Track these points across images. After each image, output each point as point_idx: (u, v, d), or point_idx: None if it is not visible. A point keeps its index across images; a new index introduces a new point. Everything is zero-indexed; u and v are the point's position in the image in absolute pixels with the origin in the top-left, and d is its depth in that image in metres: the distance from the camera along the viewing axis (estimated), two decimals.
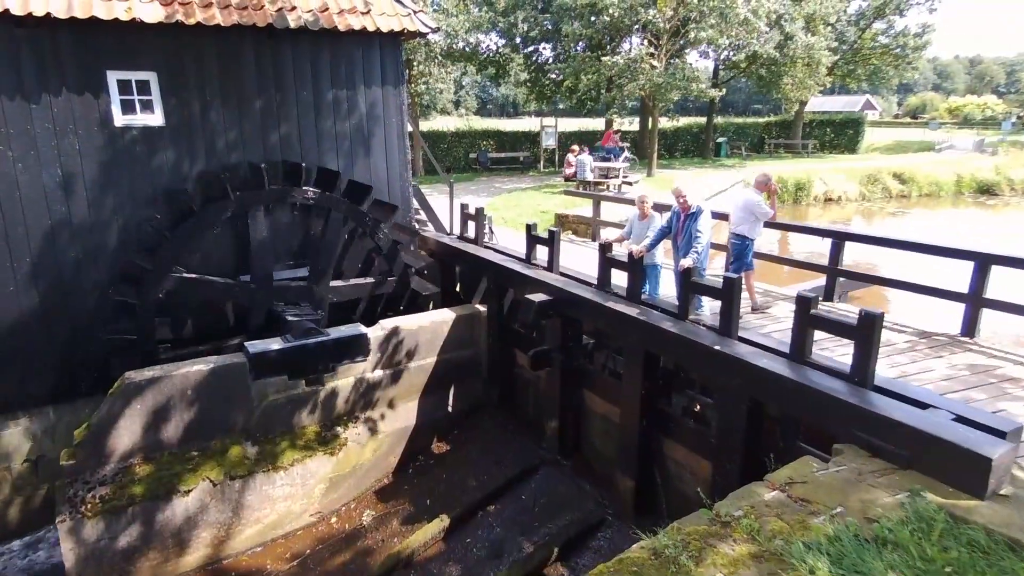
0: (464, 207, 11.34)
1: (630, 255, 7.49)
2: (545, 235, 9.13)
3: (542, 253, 9.35)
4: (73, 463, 7.54)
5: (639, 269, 7.53)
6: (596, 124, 37.12)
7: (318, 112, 9.95)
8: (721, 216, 9.78)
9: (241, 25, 8.81)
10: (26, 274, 8.33)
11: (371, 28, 9.73)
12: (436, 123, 52.62)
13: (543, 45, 29.59)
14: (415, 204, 11.86)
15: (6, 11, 7.44)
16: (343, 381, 9.15)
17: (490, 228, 11.17)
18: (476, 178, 28.19)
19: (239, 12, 8.84)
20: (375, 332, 9.29)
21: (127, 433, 7.79)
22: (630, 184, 20.65)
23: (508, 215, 17.32)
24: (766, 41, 27.34)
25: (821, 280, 10.48)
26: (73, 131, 8.32)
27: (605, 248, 7.91)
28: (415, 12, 10.27)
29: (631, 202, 14.64)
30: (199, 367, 8.10)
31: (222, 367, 8.21)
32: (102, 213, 8.66)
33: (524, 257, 9.74)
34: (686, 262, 6.85)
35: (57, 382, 8.74)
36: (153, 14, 8.27)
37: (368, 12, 9.85)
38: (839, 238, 9.25)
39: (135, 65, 8.60)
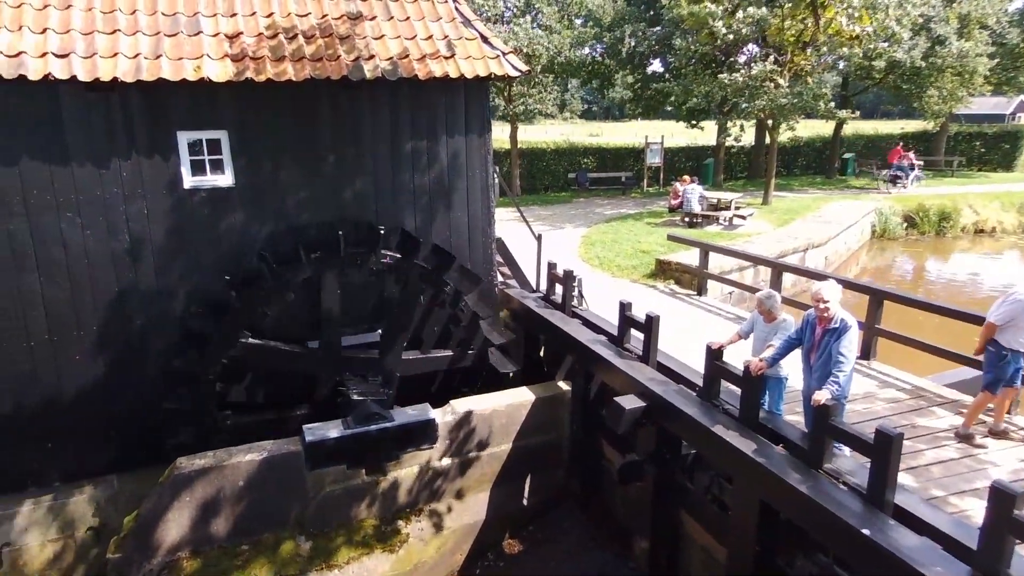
0: (552, 267, 10.17)
1: (746, 369, 6.02)
2: (642, 318, 7.78)
3: (636, 328, 8.03)
4: (120, 556, 7.12)
5: (756, 388, 6.05)
6: (707, 138, 34.68)
7: (395, 166, 9.14)
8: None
9: (315, 78, 8.12)
10: (92, 342, 8.05)
11: (454, 75, 8.78)
12: (538, 132, 51.85)
13: (651, 59, 27.82)
14: (498, 258, 10.86)
15: (73, 77, 7.10)
16: (407, 470, 8.26)
17: (579, 292, 9.93)
18: (574, 199, 26.96)
19: (312, 65, 8.15)
20: (444, 416, 8.35)
21: (175, 525, 7.28)
22: (743, 218, 18.64)
23: (604, 254, 15.97)
24: (910, 49, 24.20)
25: (967, 371, 8.51)
26: (142, 195, 7.94)
27: (715, 354, 6.47)
28: (504, 54, 9.22)
29: (744, 256, 12.93)
30: (252, 456, 7.48)
31: (276, 456, 7.55)
32: (168, 279, 8.25)
33: (616, 334, 8.45)
34: (823, 395, 5.31)
35: (120, 451, 8.42)
36: (222, 72, 7.73)
37: (452, 56, 8.90)
38: None
39: (206, 124, 8.11)
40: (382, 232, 8.69)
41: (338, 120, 8.71)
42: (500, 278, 11.45)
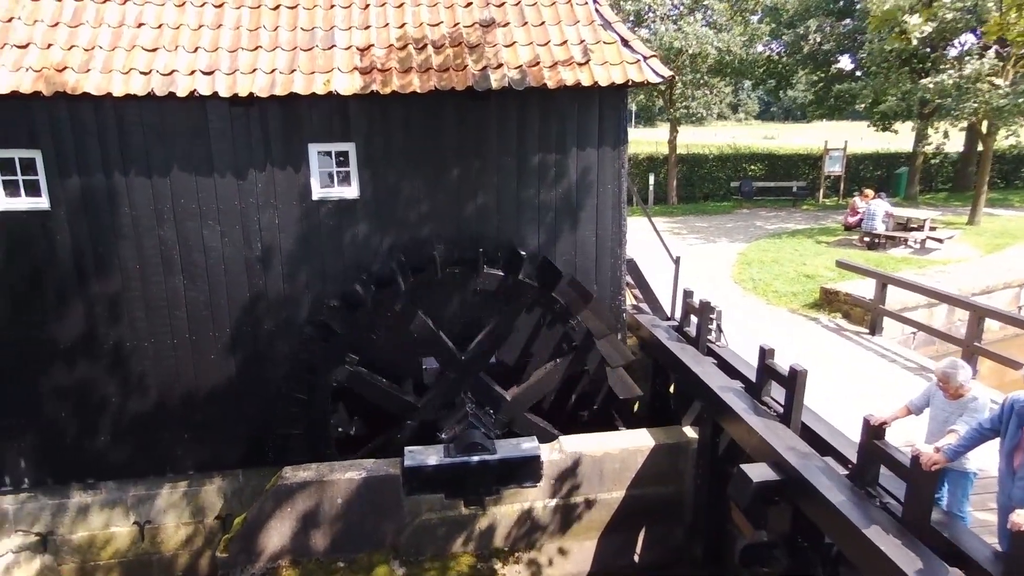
0: (688, 295, 9.08)
1: (915, 460, 4.67)
2: (785, 369, 6.53)
3: (777, 380, 6.76)
4: (227, 556, 7.38)
5: (929, 485, 4.68)
6: (902, 143, 30.23)
7: (520, 179, 8.64)
8: None
9: (440, 89, 7.86)
10: (226, 344, 8.49)
11: (587, 82, 8.07)
12: (707, 134, 48.97)
13: (838, 56, 24.80)
14: (629, 279, 9.97)
15: (215, 93, 7.45)
16: (507, 507, 7.76)
17: (717, 325, 8.74)
18: (736, 210, 24.81)
19: (438, 76, 7.89)
20: (551, 455, 7.71)
21: (277, 534, 7.41)
22: (939, 241, 15.75)
23: (759, 275, 14.28)
24: None
25: None
26: (274, 205, 8.21)
27: (875, 431, 5.14)
28: (645, 58, 8.33)
29: (932, 294, 10.55)
30: (352, 474, 7.40)
31: (375, 477, 7.41)
32: (295, 287, 8.48)
33: (755, 382, 7.24)
34: None
35: (247, 448, 8.83)
36: (350, 85, 7.72)
37: (586, 63, 8.19)
38: None
39: (336, 137, 8.20)
40: (523, 256, 8.27)
41: (464, 131, 8.40)
42: (632, 300, 10.57)
